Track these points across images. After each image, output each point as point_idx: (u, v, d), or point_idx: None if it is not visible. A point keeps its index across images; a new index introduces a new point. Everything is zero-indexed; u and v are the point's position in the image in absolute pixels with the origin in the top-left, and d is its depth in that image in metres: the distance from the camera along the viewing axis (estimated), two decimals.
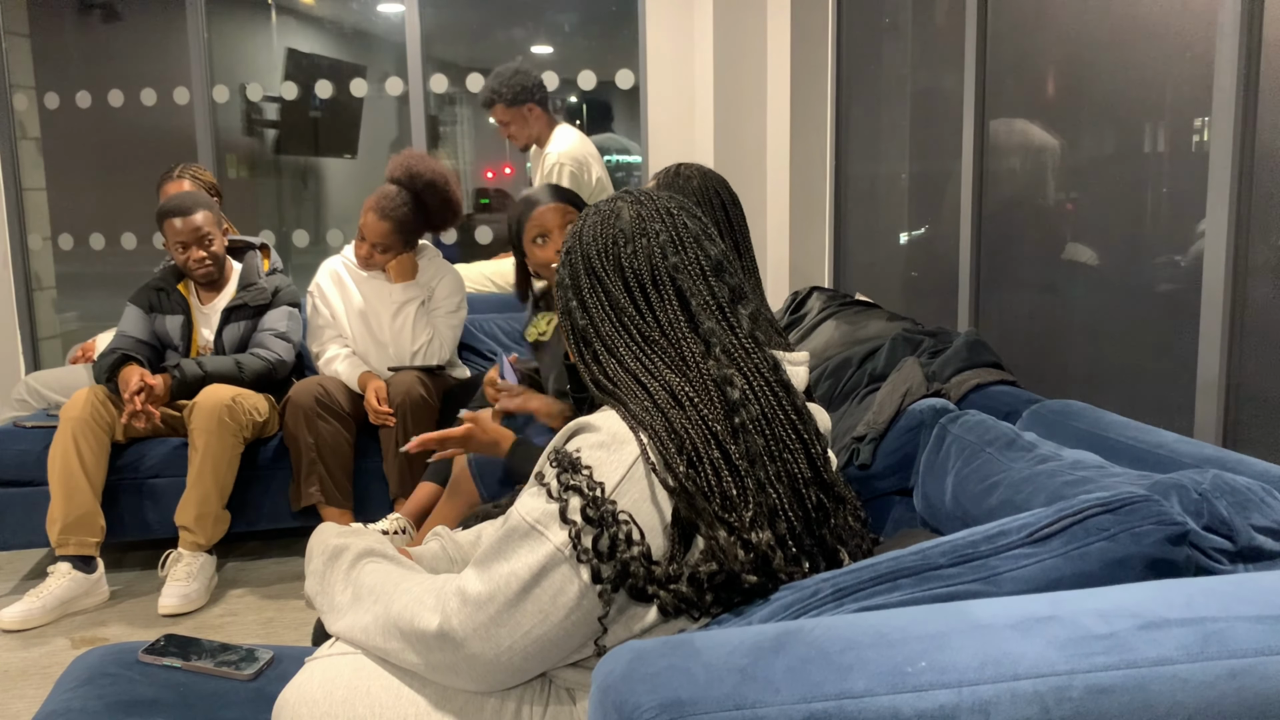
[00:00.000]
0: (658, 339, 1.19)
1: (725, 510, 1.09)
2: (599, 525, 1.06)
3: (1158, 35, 2.03)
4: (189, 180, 3.39)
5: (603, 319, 1.21)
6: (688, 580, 1.07)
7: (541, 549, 1.07)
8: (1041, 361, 2.46)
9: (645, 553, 1.07)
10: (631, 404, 1.14)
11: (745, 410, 1.14)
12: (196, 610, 2.85)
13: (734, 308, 1.22)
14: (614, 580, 1.06)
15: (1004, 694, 0.76)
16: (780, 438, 1.17)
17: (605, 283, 1.21)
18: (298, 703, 1.23)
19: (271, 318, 3.16)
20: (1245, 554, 1.09)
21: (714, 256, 1.24)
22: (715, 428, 1.12)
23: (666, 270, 1.21)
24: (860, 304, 2.62)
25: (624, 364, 1.18)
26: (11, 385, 3.86)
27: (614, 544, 1.06)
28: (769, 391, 1.18)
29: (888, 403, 1.97)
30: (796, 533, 1.15)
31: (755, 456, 1.13)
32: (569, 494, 1.08)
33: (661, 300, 1.20)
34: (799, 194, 3.94)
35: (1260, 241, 1.77)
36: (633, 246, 1.22)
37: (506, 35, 4.77)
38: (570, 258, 1.26)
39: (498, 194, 5.09)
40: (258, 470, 3.11)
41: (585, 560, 1.06)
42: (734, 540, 1.08)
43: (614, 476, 1.09)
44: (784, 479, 1.15)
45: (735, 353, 1.19)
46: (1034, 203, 2.55)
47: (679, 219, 1.25)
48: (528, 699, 1.17)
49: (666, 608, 1.07)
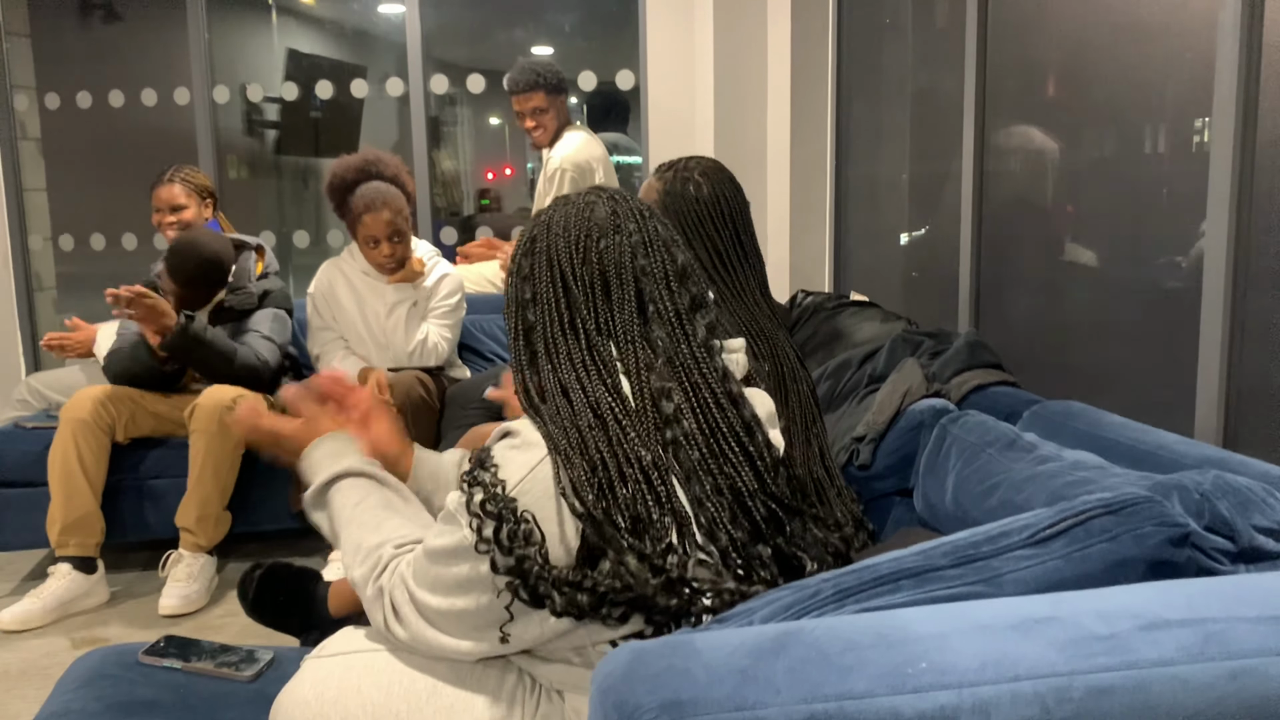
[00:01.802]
0: (601, 344, 1.18)
1: (636, 535, 1.09)
2: (497, 519, 1.09)
3: (1158, 36, 2.03)
4: (180, 183, 3.38)
5: (553, 317, 1.20)
6: (589, 590, 1.08)
7: (457, 534, 1.13)
8: (1042, 362, 2.46)
9: (543, 553, 1.09)
10: (551, 424, 1.14)
11: (680, 424, 1.15)
12: (197, 611, 2.85)
13: (691, 316, 1.22)
14: (510, 572, 1.09)
15: (1005, 695, 0.76)
16: (721, 451, 1.16)
17: (568, 276, 1.20)
18: (290, 704, 1.24)
19: (256, 319, 3.14)
20: (1246, 555, 1.09)
21: (680, 263, 1.24)
22: (640, 449, 1.12)
23: (633, 271, 1.20)
24: (857, 304, 2.62)
25: (558, 370, 1.17)
26: (12, 385, 3.86)
27: (512, 538, 1.09)
28: (713, 404, 1.18)
29: (888, 403, 1.97)
30: (740, 545, 1.14)
31: (690, 471, 1.14)
32: (475, 488, 1.12)
33: (621, 300, 1.19)
34: (799, 194, 3.94)
35: (1261, 241, 1.77)
36: (606, 242, 1.21)
37: (507, 35, 4.77)
38: (534, 246, 1.24)
39: (498, 195, 5.09)
40: (259, 471, 3.11)
41: (484, 551, 1.10)
42: (644, 566, 1.08)
43: (516, 475, 1.11)
44: (725, 493, 1.15)
45: (683, 363, 1.19)
46: (1034, 203, 2.55)
47: (651, 223, 1.24)
48: (519, 698, 1.18)
49: (556, 608, 1.09)
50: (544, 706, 1.18)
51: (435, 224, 4.49)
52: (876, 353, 2.23)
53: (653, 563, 1.08)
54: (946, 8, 2.99)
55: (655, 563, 1.08)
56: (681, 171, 1.95)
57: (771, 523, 1.18)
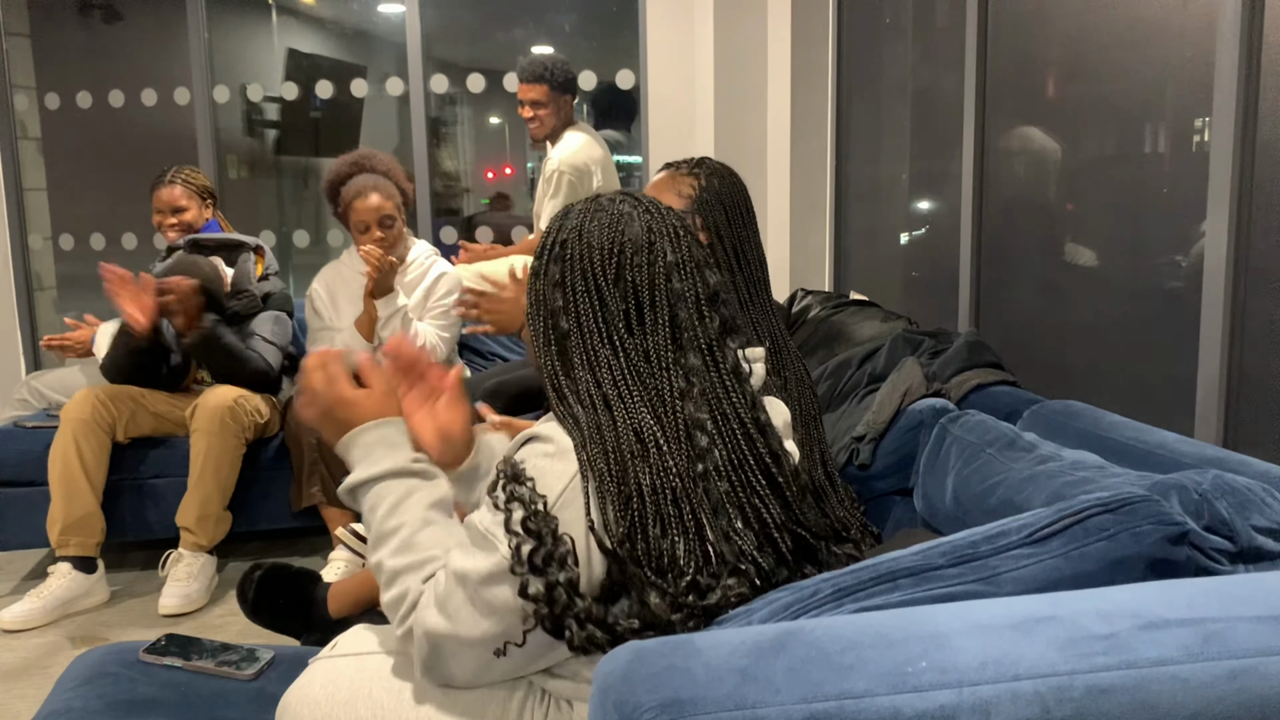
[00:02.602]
0: (640, 367, 1.13)
1: (660, 574, 1.06)
2: (538, 539, 1.05)
3: (1158, 36, 2.03)
4: (181, 185, 3.38)
5: (591, 330, 1.14)
6: (609, 627, 1.06)
7: (494, 556, 1.07)
8: (1042, 362, 2.46)
9: (573, 580, 1.06)
10: (590, 438, 1.09)
11: (711, 457, 1.11)
12: (197, 610, 2.85)
13: (722, 341, 1.18)
14: (538, 599, 1.05)
15: (1004, 694, 0.76)
16: (749, 483, 1.14)
17: (604, 290, 1.14)
18: (299, 704, 1.23)
19: (258, 322, 3.15)
20: (1246, 554, 1.09)
21: (712, 285, 1.19)
22: (676, 482, 1.08)
23: (667, 294, 1.14)
24: (856, 303, 2.62)
25: (601, 384, 1.12)
26: (12, 385, 3.87)
27: (546, 561, 1.05)
28: (741, 435, 1.15)
29: (887, 403, 1.97)
30: (766, 574, 1.12)
31: (718, 504, 1.11)
32: (513, 505, 1.07)
33: (655, 324, 1.14)
34: (799, 194, 3.94)
35: (1261, 241, 1.77)
36: (641, 259, 1.14)
37: (507, 35, 4.77)
38: (565, 251, 1.17)
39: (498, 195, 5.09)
40: (259, 471, 3.11)
41: (519, 574, 1.05)
42: (664, 604, 1.06)
43: (556, 488, 1.08)
44: (752, 525, 1.13)
45: (714, 392, 1.15)
46: (1034, 203, 2.55)
47: (684, 242, 1.18)
48: (529, 705, 1.17)
49: (574, 642, 1.06)
50: (553, 715, 1.17)
51: (435, 224, 4.49)
52: (876, 352, 2.23)
53: (675, 600, 1.06)
54: (946, 8, 2.99)
55: (679, 600, 1.06)
56: (712, 168, 1.90)
57: (799, 552, 1.16)
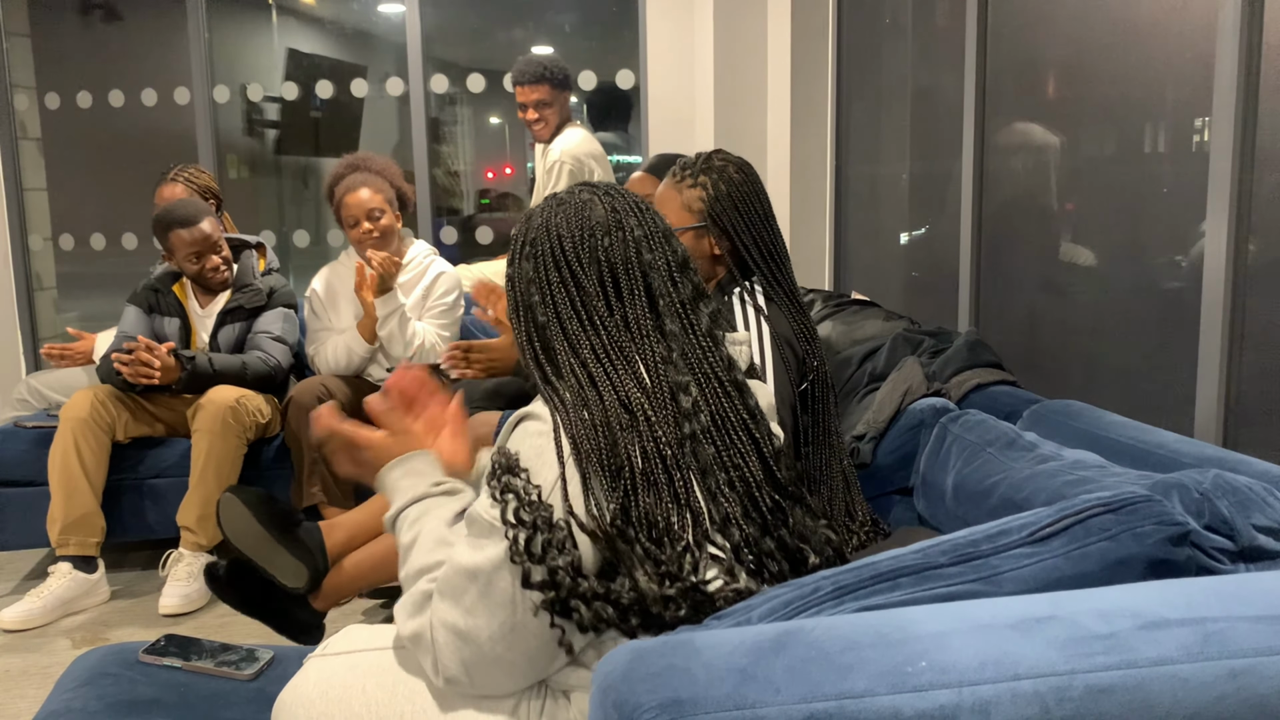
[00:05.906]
0: (622, 340, 1.16)
1: (654, 542, 1.07)
2: (533, 528, 1.07)
3: (1158, 35, 2.03)
4: (183, 184, 3.37)
5: (570, 315, 1.18)
6: (613, 602, 1.06)
7: (499, 546, 1.09)
8: (1042, 361, 2.46)
9: (574, 563, 1.07)
10: (576, 417, 1.10)
11: (696, 419, 1.14)
12: (197, 610, 2.85)
13: (695, 305, 1.22)
14: (541, 586, 1.06)
15: (1004, 694, 0.76)
16: (732, 442, 1.16)
17: (579, 275, 1.18)
18: (294, 703, 1.23)
19: (266, 320, 3.15)
20: (1246, 554, 1.09)
21: (680, 253, 1.24)
22: (664, 448, 1.10)
23: (640, 267, 1.19)
24: (857, 303, 2.62)
25: (585, 364, 1.15)
26: (12, 385, 3.86)
27: (545, 549, 1.06)
28: (721, 393, 1.18)
29: (888, 402, 1.97)
30: (751, 540, 1.14)
31: (706, 466, 1.13)
32: (508, 496, 1.09)
33: (632, 296, 1.18)
34: (799, 194, 3.94)
35: (1261, 241, 1.77)
36: (610, 239, 1.19)
37: (507, 35, 4.77)
38: (535, 249, 1.21)
39: (498, 195, 5.09)
40: (260, 470, 3.11)
41: (519, 563, 1.07)
42: (654, 579, 1.06)
43: (549, 478, 1.09)
44: (737, 485, 1.15)
45: (694, 354, 1.19)
46: (1034, 203, 2.55)
47: (648, 215, 1.23)
48: (525, 698, 1.17)
49: (584, 623, 1.06)
50: (550, 707, 1.17)
51: (435, 224, 4.49)
52: (877, 351, 2.23)
53: (667, 570, 1.07)
54: (946, 7, 2.99)
55: (669, 569, 1.07)
56: (719, 167, 1.88)
57: (776, 513, 1.18)
